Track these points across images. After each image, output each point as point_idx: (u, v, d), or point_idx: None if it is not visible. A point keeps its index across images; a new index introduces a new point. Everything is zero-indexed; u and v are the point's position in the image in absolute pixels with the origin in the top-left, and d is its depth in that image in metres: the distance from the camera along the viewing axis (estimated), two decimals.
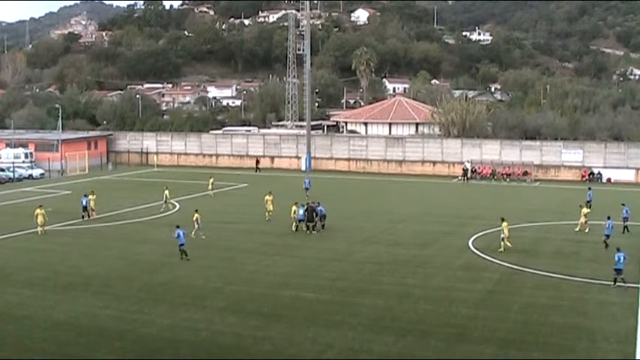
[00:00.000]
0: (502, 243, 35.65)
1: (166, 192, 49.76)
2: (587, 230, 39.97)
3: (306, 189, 53.64)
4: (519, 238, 39.01)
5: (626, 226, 39.39)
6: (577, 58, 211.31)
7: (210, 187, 55.33)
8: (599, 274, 30.94)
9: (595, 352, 22.11)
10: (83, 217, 45.43)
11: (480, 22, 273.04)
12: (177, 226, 34.99)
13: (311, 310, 26.21)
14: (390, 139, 77.69)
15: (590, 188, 49.51)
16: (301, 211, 40.35)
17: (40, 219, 40.55)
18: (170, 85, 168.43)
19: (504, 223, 35.85)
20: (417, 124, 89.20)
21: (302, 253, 35.61)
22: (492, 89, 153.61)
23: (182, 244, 34.02)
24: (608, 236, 35.84)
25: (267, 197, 44.66)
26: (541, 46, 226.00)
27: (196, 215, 39.14)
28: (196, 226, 38.77)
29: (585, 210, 40.60)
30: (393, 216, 46.19)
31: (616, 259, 29.08)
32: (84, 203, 45.79)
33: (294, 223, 40.75)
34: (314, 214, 40.35)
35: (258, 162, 76.03)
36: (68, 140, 77.80)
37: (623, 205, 40.98)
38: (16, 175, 67.40)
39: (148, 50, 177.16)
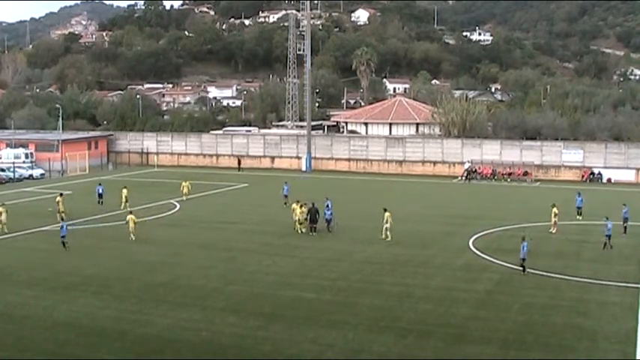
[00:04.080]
0: (386, 232, 38.01)
1: (124, 191, 49.25)
2: (554, 230, 39.76)
3: (285, 196, 49.37)
4: (519, 238, 38.95)
5: (625, 227, 39.21)
6: (577, 59, 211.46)
7: (185, 190, 53.08)
8: (600, 274, 30.97)
9: (595, 353, 22.10)
10: (100, 202, 50.27)
11: (481, 22, 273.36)
12: (62, 219, 38.20)
13: (311, 311, 26.21)
14: (390, 139, 77.65)
15: (579, 194, 45.92)
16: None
17: (3, 217, 40.56)
18: (170, 86, 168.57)
19: (387, 214, 38.12)
20: (417, 125, 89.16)
21: (302, 253, 35.60)
22: (493, 89, 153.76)
23: (63, 236, 36.40)
24: (609, 237, 35.56)
25: (294, 206, 41.38)
26: (541, 46, 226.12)
27: (130, 217, 39.19)
28: (130, 227, 38.65)
29: (555, 210, 40.26)
30: (394, 216, 45.99)
31: (521, 248, 30.72)
32: (99, 191, 51.07)
33: (300, 225, 40.30)
34: (317, 215, 40.31)
35: (240, 161, 76.26)
36: (68, 140, 77.79)
37: (624, 205, 40.83)
38: (17, 176, 67.38)
39: (148, 50, 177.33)
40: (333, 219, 40.99)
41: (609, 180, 64.71)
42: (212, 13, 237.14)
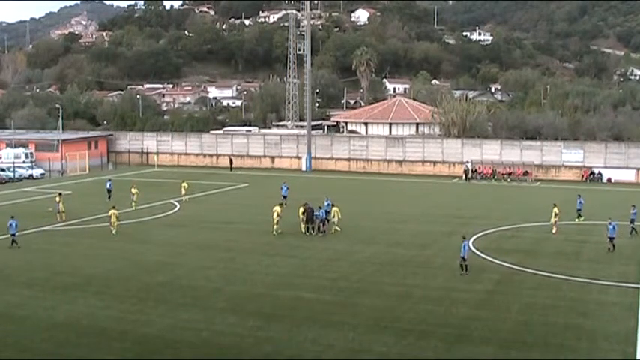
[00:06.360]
0: (334, 227, 39.88)
1: (134, 190, 49.50)
2: (554, 231, 39.67)
3: (284, 197, 48.88)
4: (519, 238, 39.06)
5: (633, 228, 38.95)
6: (577, 58, 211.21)
7: (183, 191, 52.53)
8: (600, 274, 30.97)
9: (595, 352, 22.09)
10: (109, 198, 51.60)
11: (481, 22, 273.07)
12: (12, 217, 37.62)
13: (311, 311, 26.20)
14: (390, 139, 77.66)
15: (579, 196, 45.10)
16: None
17: None
18: (170, 86, 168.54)
19: (335, 209, 40.07)
20: (417, 125, 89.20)
21: (302, 253, 35.59)
22: (493, 89, 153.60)
23: (14, 234, 36.72)
24: (611, 238, 35.27)
25: (276, 208, 40.42)
26: (541, 46, 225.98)
27: (112, 212, 40.19)
28: (112, 222, 40.17)
29: (556, 210, 40.12)
30: (394, 216, 46.18)
31: (462, 247, 31.10)
32: (108, 187, 53.63)
33: (302, 225, 40.30)
34: (313, 216, 40.29)
35: (231, 161, 76.37)
36: (68, 140, 77.81)
37: (633, 206, 40.50)
38: (17, 176, 67.42)
39: (148, 50, 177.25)
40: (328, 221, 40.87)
41: (609, 180, 64.69)
42: (212, 13, 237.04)
